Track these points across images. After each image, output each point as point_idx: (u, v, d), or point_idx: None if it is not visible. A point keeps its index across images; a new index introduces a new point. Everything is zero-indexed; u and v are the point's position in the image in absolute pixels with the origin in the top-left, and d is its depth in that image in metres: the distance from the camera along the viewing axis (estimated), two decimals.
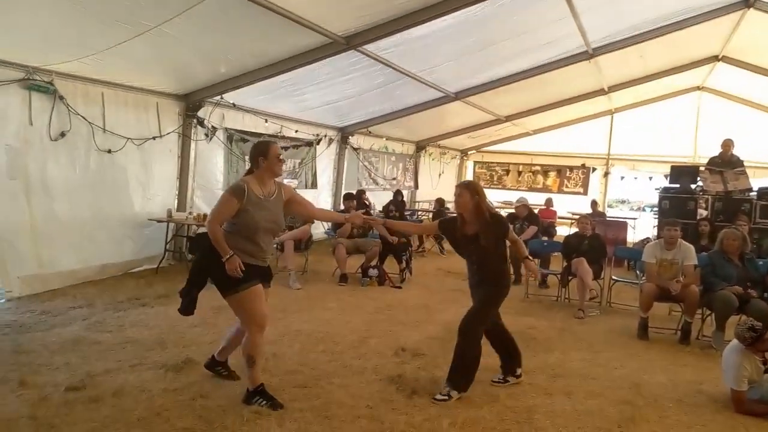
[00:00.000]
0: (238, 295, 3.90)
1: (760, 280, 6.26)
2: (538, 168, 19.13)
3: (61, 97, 6.95)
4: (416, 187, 17.16)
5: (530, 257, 4.90)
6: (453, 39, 8.76)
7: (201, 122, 9.00)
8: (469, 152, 20.17)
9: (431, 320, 6.64)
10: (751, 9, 9.51)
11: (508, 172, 19.59)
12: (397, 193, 12.60)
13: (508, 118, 15.68)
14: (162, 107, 8.50)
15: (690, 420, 4.19)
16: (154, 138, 8.34)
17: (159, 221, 8.50)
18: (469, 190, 4.41)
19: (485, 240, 4.34)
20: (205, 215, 8.46)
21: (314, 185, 12.46)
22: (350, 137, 13.32)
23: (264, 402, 3.94)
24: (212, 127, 9.23)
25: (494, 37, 9.22)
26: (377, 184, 14.93)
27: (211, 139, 9.29)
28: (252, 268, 3.93)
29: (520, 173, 19.41)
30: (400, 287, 8.47)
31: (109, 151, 7.69)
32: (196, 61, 7.89)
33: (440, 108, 12.61)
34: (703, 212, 9.94)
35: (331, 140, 12.75)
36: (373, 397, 4.23)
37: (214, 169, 9.71)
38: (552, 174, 18.91)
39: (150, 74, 7.94)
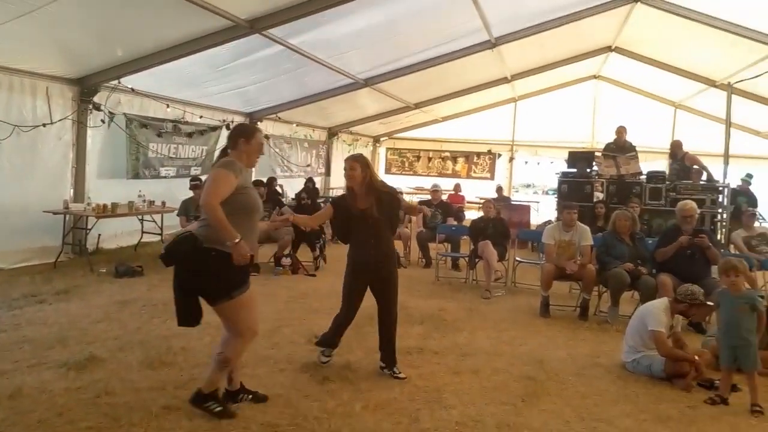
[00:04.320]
0: (233, 302, 3.42)
1: (649, 257, 6.71)
2: (448, 154, 19.55)
3: None
4: (328, 174, 17.07)
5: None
6: (360, 25, 8.74)
7: (97, 107, 8.49)
8: (381, 139, 20.25)
9: None
10: (639, 3, 10.08)
11: (419, 158, 19.88)
12: (309, 180, 12.52)
13: (418, 105, 15.90)
14: (52, 92, 7.96)
15: (587, 391, 4.47)
16: (44, 125, 7.79)
17: (55, 213, 7.94)
18: (360, 163, 4.37)
19: (379, 212, 4.37)
20: (105, 206, 8.03)
21: None
22: (259, 123, 13.02)
23: (217, 407, 3.57)
24: (110, 113, 8.73)
25: (400, 22, 9.26)
26: (292, 171, 14.73)
27: (109, 126, 8.78)
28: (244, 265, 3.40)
29: (430, 159, 19.75)
30: (314, 275, 8.44)
31: None
32: (89, 43, 7.47)
33: (351, 94, 12.61)
34: (599, 195, 10.48)
35: None
36: (285, 386, 4.22)
37: (113, 157, 9.17)
38: (461, 160, 19.39)
39: (36, 56, 7.41)
